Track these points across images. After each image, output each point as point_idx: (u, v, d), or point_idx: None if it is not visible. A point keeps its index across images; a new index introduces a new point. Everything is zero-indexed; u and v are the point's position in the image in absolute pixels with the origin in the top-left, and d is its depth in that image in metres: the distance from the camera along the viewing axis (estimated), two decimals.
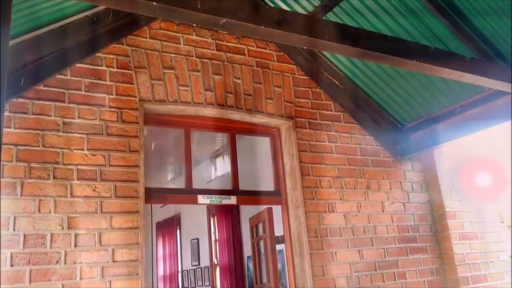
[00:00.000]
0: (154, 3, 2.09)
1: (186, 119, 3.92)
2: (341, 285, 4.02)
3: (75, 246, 3.05)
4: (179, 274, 10.15)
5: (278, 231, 4.24)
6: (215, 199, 3.88)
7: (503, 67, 3.34)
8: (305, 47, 3.91)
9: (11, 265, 2.84)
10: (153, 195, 3.61)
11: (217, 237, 8.67)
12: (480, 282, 4.66)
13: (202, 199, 3.83)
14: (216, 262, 8.82)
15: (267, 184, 4.43)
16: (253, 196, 4.22)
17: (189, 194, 3.86)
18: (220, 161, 9.02)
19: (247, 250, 7.55)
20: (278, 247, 4.27)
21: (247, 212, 6.17)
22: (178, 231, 10.30)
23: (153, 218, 10.99)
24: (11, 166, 3.00)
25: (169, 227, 10.48)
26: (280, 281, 6.05)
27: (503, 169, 5.38)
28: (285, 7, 4.02)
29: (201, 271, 9.23)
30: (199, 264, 9.36)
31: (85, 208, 3.15)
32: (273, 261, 4.13)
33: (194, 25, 3.84)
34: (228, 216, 8.18)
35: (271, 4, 4.05)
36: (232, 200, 3.99)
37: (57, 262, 2.97)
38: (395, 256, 4.43)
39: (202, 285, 9.17)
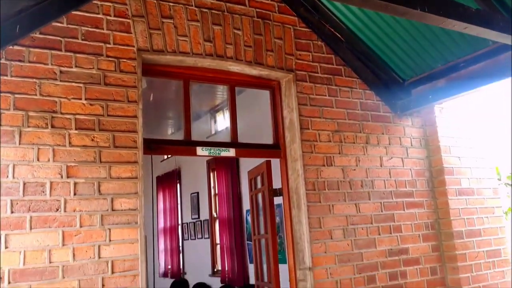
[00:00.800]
0: None
1: (185, 70, 3.87)
2: (337, 237, 4.10)
3: (75, 194, 3.08)
4: (179, 227, 10.35)
5: (277, 184, 4.27)
6: (213, 151, 3.89)
7: (507, 19, 3.26)
8: None
9: (12, 212, 2.88)
10: (152, 146, 3.62)
11: (216, 191, 8.78)
12: (474, 236, 4.75)
13: (201, 151, 3.84)
14: (215, 216, 8.97)
15: (266, 139, 4.43)
16: (252, 149, 4.23)
17: (188, 145, 3.87)
18: (220, 116, 9.02)
19: (246, 205, 7.66)
20: (276, 201, 4.30)
21: (246, 167, 6.21)
22: (178, 185, 10.42)
23: (153, 172, 11.11)
24: (8, 114, 2.99)
25: (169, 181, 10.60)
26: (278, 234, 6.16)
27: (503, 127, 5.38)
28: None
29: (201, 224, 9.41)
30: (198, 217, 9.53)
31: (84, 157, 3.16)
32: (270, 213, 4.18)
33: None
34: (227, 170, 8.25)
35: None
36: (231, 152, 4.00)
37: (57, 209, 3.01)
38: (392, 210, 4.49)
39: (202, 237, 9.37)
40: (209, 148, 3.90)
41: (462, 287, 4.54)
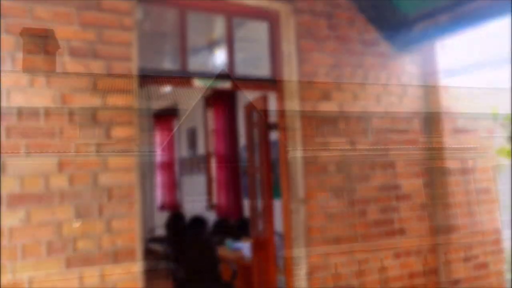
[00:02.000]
0: None
1: None
2: (331, 172, 4.15)
3: (70, 121, 3.07)
4: (176, 162, 10.44)
5: (273, 119, 4.27)
6: (210, 83, 3.85)
7: None
8: None
9: (7, 138, 2.88)
10: (147, 76, 3.56)
11: (213, 127, 8.80)
12: (465, 174, 4.82)
13: (197, 82, 3.80)
14: (212, 151, 9.04)
15: (264, 73, 4.37)
16: (248, 82, 4.18)
17: (184, 77, 3.82)
18: (218, 52, 8.86)
19: (242, 141, 7.70)
20: (272, 138, 4.32)
21: (243, 103, 6.19)
22: (175, 120, 10.40)
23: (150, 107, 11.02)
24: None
25: (166, 116, 10.55)
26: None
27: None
28: None
29: (197, 160, 9.50)
30: (195, 153, 9.60)
31: (79, 85, 3.12)
32: (266, 146, 4.20)
33: None
34: (225, 106, 8.23)
35: None
36: (228, 84, 3.95)
37: (53, 136, 3.01)
38: (387, 147, 4.52)
39: (198, 172, 9.49)
40: (205, 79, 3.85)
41: (450, 221, 4.66)
